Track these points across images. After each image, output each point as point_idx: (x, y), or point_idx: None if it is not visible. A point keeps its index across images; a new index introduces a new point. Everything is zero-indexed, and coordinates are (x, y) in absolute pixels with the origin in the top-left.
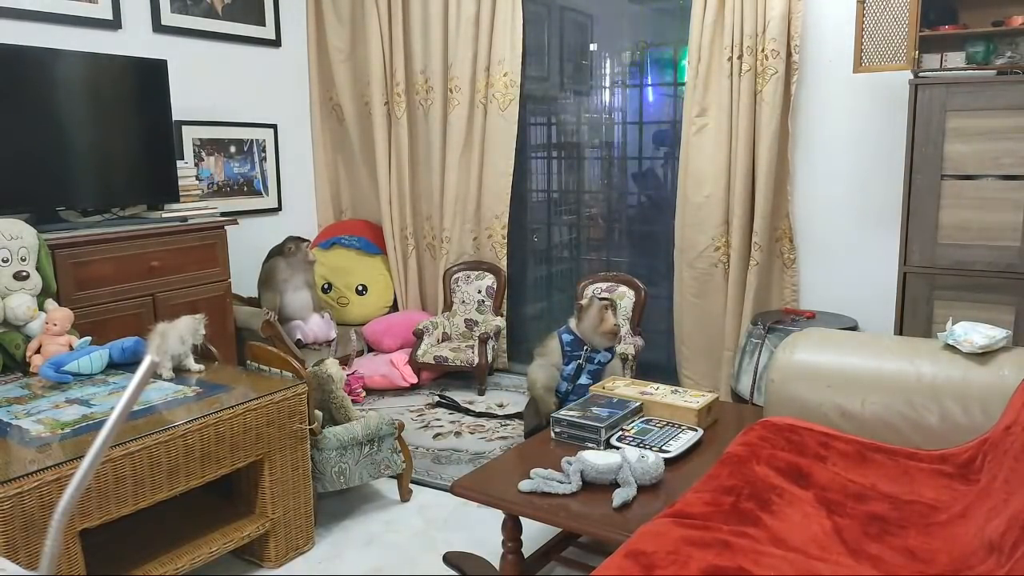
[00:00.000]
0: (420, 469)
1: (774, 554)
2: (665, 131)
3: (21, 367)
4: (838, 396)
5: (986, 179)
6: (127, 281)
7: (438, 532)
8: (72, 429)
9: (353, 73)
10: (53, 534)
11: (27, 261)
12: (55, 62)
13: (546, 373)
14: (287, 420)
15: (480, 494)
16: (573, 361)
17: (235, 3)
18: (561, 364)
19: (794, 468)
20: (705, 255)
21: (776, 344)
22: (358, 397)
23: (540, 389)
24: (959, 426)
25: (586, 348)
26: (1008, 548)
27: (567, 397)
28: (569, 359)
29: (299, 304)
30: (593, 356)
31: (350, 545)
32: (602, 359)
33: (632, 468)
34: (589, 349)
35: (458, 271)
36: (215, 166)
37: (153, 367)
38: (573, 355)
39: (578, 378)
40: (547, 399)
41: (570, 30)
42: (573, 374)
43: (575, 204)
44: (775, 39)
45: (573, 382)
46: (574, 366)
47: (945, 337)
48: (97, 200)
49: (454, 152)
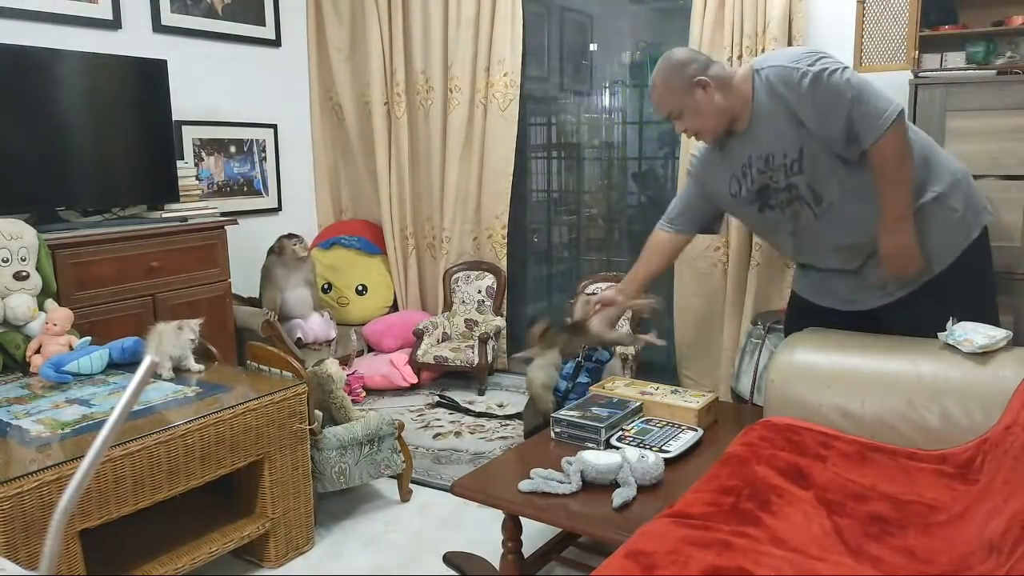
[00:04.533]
0: (420, 469)
1: (774, 554)
2: (665, 131)
3: (21, 367)
4: (838, 396)
5: (986, 179)
6: (127, 281)
7: (438, 532)
8: (72, 429)
9: (353, 73)
10: (53, 534)
11: (27, 261)
12: (55, 62)
13: (545, 372)
14: (287, 420)
15: (480, 494)
16: (571, 360)
17: (235, 3)
18: (560, 363)
19: (794, 468)
20: (705, 255)
21: (776, 344)
22: (358, 397)
23: (538, 387)
24: (959, 426)
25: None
26: (1008, 548)
27: (567, 396)
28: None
29: (299, 302)
30: (591, 354)
31: (350, 545)
32: (601, 357)
33: (632, 468)
34: (587, 347)
35: (458, 271)
36: (215, 166)
37: (153, 367)
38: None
39: (577, 376)
40: (544, 397)
41: (570, 30)
42: (572, 373)
43: (575, 204)
44: (775, 39)
45: (573, 381)
46: (572, 365)
47: (945, 337)
48: (97, 200)
49: (454, 152)
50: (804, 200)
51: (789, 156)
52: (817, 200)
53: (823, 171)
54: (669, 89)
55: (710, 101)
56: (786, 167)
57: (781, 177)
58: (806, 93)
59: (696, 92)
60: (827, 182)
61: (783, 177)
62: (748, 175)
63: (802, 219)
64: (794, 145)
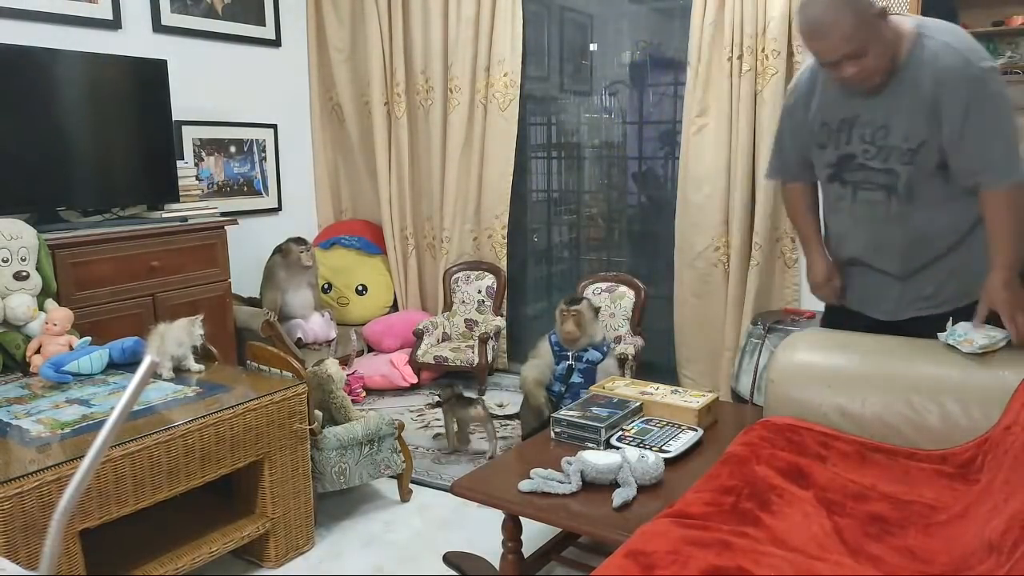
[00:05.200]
0: (420, 469)
1: (774, 554)
2: (665, 131)
3: (21, 367)
4: (838, 396)
5: None
6: (127, 281)
7: (438, 532)
8: (72, 429)
9: (353, 73)
10: (53, 534)
11: (27, 261)
12: (55, 62)
13: (537, 371)
14: (287, 420)
15: (480, 494)
16: (563, 361)
17: (235, 3)
18: (553, 365)
19: (794, 468)
20: (705, 255)
21: (776, 344)
22: (358, 397)
23: (530, 384)
24: (959, 426)
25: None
26: (1008, 548)
27: (562, 397)
28: (559, 359)
29: (300, 302)
30: (581, 355)
31: (350, 545)
32: (591, 358)
33: (632, 468)
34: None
35: (458, 271)
36: (215, 166)
37: (153, 367)
38: (561, 355)
39: (570, 377)
40: (536, 393)
41: (570, 30)
42: (565, 374)
43: (575, 204)
44: (775, 39)
45: (566, 382)
46: (564, 366)
47: (945, 337)
48: (97, 200)
49: (454, 152)
50: (895, 192)
51: (909, 142)
52: (909, 198)
53: (929, 173)
54: (860, 22)
55: (887, 37)
56: (899, 151)
57: (886, 158)
58: (967, 94)
59: (881, 24)
60: (928, 185)
61: (888, 160)
62: (845, 134)
63: (878, 210)
64: (919, 135)
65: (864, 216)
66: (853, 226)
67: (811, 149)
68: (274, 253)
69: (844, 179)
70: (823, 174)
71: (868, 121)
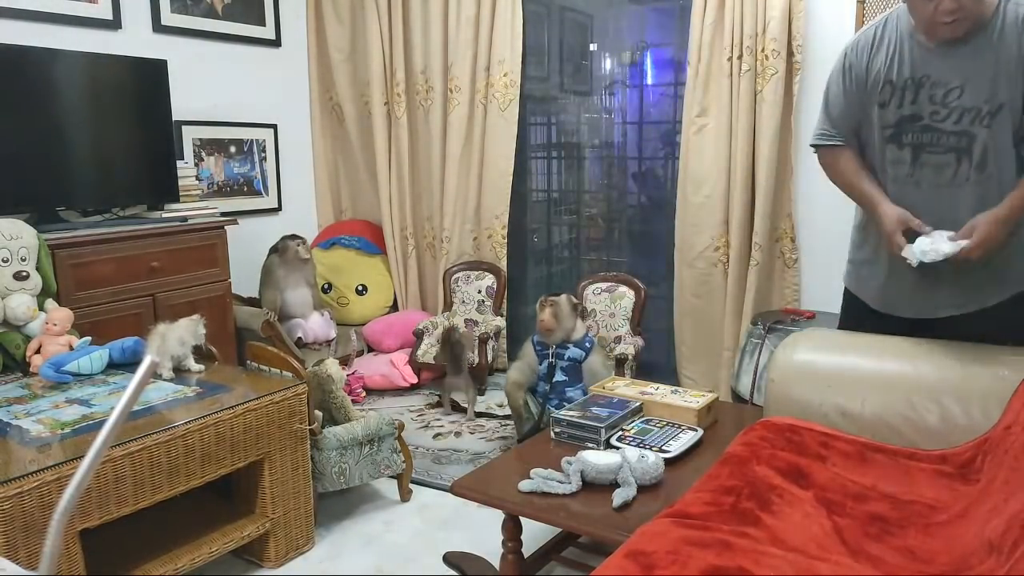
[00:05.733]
0: (420, 469)
1: (774, 554)
2: (665, 131)
3: (21, 367)
4: (838, 396)
5: None
6: (127, 281)
7: (438, 532)
8: (72, 429)
9: (353, 73)
10: (53, 534)
11: (27, 261)
12: (55, 62)
13: (518, 372)
14: (287, 420)
15: (480, 494)
16: (544, 360)
17: (235, 3)
18: (536, 365)
19: (794, 468)
20: (705, 255)
21: (776, 344)
22: (358, 397)
23: (508, 385)
24: (959, 426)
25: (552, 346)
26: (1008, 548)
27: (547, 397)
28: (541, 359)
29: (299, 302)
30: (561, 352)
31: (350, 545)
32: (572, 355)
33: (632, 468)
34: (555, 346)
35: (458, 271)
36: (215, 166)
37: (153, 367)
38: (542, 354)
39: (553, 376)
40: (515, 395)
41: (570, 30)
42: (547, 372)
43: (575, 204)
44: (775, 39)
45: (549, 380)
46: (546, 365)
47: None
48: (97, 200)
49: (454, 152)
50: (967, 155)
51: (990, 104)
52: (982, 165)
53: (1006, 142)
54: None
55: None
56: (977, 113)
57: (959, 119)
58: None
59: None
60: (1004, 156)
61: (961, 121)
62: (911, 93)
63: (944, 173)
64: (999, 95)
65: (928, 180)
66: (913, 190)
67: (867, 109)
68: (270, 253)
69: (902, 141)
70: (879, 135)
71: (939, 81)
